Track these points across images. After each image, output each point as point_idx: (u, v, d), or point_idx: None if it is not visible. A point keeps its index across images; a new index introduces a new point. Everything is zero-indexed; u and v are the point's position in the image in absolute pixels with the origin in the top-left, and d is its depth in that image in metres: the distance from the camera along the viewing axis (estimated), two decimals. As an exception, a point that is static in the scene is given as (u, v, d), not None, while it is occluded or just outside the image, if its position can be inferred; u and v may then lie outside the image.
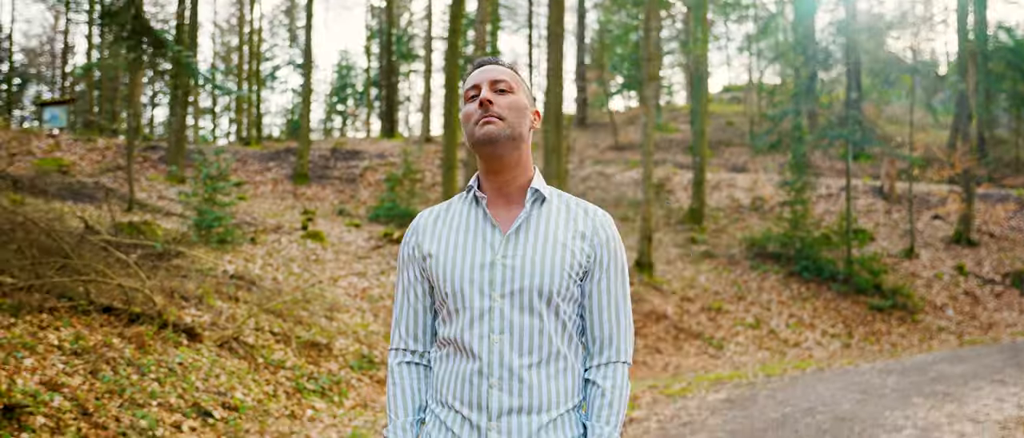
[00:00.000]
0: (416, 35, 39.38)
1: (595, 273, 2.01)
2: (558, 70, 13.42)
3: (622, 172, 21.68)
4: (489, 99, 1.91)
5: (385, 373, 7.92)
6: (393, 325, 2.08)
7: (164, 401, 5.47)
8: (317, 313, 8.93)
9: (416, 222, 2.06)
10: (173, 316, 6.81)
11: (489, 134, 1.89)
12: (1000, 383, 9.05)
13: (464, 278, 1.90)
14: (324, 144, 23.67)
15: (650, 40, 15.39)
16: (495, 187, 1.98)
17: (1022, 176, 25.59)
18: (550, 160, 13.31)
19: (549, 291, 1.90)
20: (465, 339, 1.90)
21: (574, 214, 2.03)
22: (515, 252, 1.91)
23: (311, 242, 12.72)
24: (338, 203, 17.32)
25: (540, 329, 1.90)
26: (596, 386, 2.00)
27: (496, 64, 2.04)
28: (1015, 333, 13.57)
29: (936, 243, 17.45)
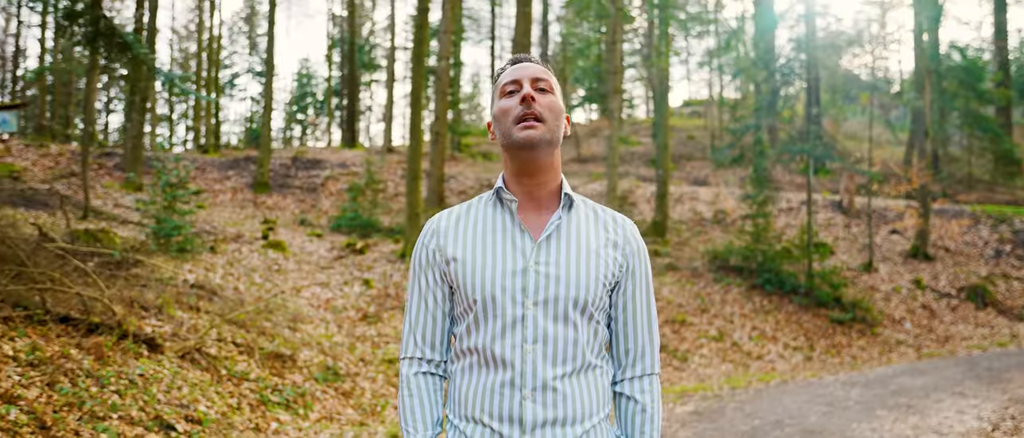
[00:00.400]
0: (378, 45, 39.21)
1: (627, 284, 1.94)
2: (524, 81, 13.40)
3: (585, 184, 21.71)
4: (532, 96, 1.83)
5: (350, 385, 7.80)
6: (407, 332, 1.96)
7: (125, 414, 5.29)
8: (280, 324, 8.76)
9: (435, 224, 1.96)
10: (133, 326, 6.61)
11: (530, 139, 1.81)
12: (960, 395, 9.17)
13: (495, 284, 1.81)
14: (284, 153, 23.39)
15: (615, 53, 15.45)
16: (526, 190, 1.90)
17: (975, 192, 26.17)
18: (516, 171, 13.27)
19: (584, 301, 1.82)
20: (496, 349, 1.80)
21: (603, 222, 1.95)
22: (547, 259, 1.83)
23: (272, 252, 12.51)
24: (299, 213, 17.09)
25: (574, 339, 1.82)
26: (634, 401, 1.94)
27: (533, 62, 1.95)
28: (971, 346, 13.80)
29: (894, 257, 17.72)
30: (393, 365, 8.67)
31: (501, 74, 1.96)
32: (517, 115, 1.83)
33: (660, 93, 18.36)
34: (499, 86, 1.93)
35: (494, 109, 1.92)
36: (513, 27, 47.85)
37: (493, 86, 2.00)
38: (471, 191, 20.07)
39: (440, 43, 19.36)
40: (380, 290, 11.31)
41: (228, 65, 39.72)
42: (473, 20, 39.05)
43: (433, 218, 1.99)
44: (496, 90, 1.94)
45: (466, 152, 27.58)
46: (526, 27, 13.60)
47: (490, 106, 2.00)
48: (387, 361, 8.74)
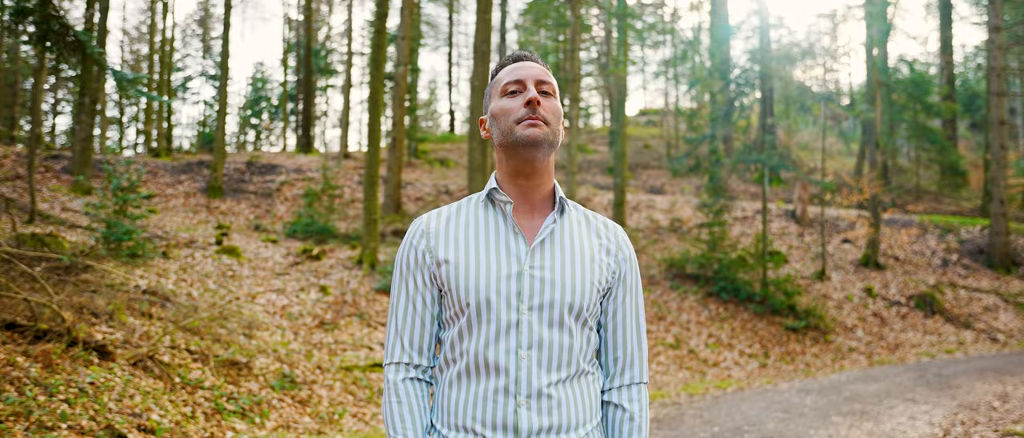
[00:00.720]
0: (335, 50, 38.91)
1: (618, 291, 1.91)
2: (484, 87, 13.35)
3: (543, 192, 21.77)
4: (538, 99, 1.78)
5: (307, 393, 7.67)
6: (393, 336, 1.89)
7: (75, 424, 5.13)
8: (235, 331, 8.60)
9: (423, 225, 1.90)
10: (83, 333, 6.42)
11: (534, 137, 1.77)
12: (912, 401, 9.33)
13: (490, 288, 1.75)
14: (239, 157, 23.05)
15: (574, 61, 15.50)
16: (520, 192, 1.85)
17: (922, 203, 26.75)
18: (474, 177, 13.21)
19: (579, 306, 1.78)
20: (489, 354, 1.75)
21: (595, 227, 1.92)
22: (542, 263, 1.79)
23: (227, 257, 12.29)
24: (254, 218, 16.84)
25: (569, 345, 1.78)
26: (623, 409, 1.89)
27: (535, 62, 1.90)
28: (920, 353, 14.06)
29: (846, 266, 18.02)
30: (351, 373, 8.56)
31: (499, 71, 1.92)
32: (520, 116, 1.78)
33: (618, 102, 18.46)
34: (499, 84, 1.88)
35: (492, 107, 1.88)
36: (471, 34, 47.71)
37: (490, 83, 1.95)
38: (428, 198, 19.97)
39: (398, 49, 19.27)
40: (337, 297, 11.17)
41: (181, 68, 39.09)
42: (431, 26, 39.00)
43: (421, 219, 1.93)
44: (494, 87, 1.90)
45: (423, 159, 27.46)
46: (486, 33, 13.58)
47: (485, 102, 1.95)
48: (344, 369, 8.63)
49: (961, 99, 36.29)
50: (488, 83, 7.41)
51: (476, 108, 13.24)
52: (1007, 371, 11.61)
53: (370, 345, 9.73)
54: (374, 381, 8.54)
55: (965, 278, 18.45)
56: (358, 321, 10.45)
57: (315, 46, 34.86)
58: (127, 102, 38.13)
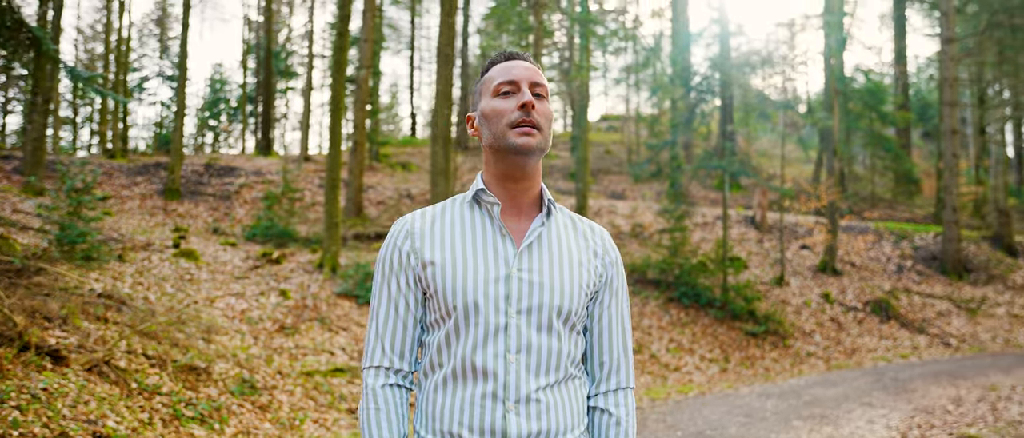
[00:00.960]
0: (295, 52, 38.55)
1: (605, 295, 1.89)
2: (447, 91, 13.32)
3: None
4: (532, 103, 1.75)
5: (267, 399, 7.55)
6: (373, 340, 1.84)
7: (27, 431, 4.98)
8: (194, 335, 8.44)
9: (408, 225, 1.85)
10: (35, 338, 6.25)
11: (528, 145, 1.74)
12: (869, 406, 9.45)
13: (478, 291, 1.72)
14: (196, 159, 22.71)
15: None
16: (509, 196, 1.82)
17: (877, 210, 27.22)
18: (437, 181, 13.15)
19: (568, 310, 1.76)
20: (477, 359, 1.71)
21: (582, 231, 1.90)
22: (530, 266, 1.76)
23: (184, 261, 12.08)
24: (212, 221, 16.59)
25: (558, 349, 1.75)
26: (609, 414, 1.87)
27: (528, 61, 1.86)
28: (876, 358, 14.28)
29: (804, 272, 18.25)
30: (312, 378, 8.45)
31: (491, 68, 1.88)
32: (514, 120, 1.75)
33: (580, 107, 18.52)
34: (491, 83, 1.83)
35: (483, 106, 1.84)
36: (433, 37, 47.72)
37: (479, 80, 1.91)
38: (390, 202, 19.84)
39: (360, 52, 19.15)
40: (298, 301, 11.04)
41: (137, 68, 38.42)
42: (394, 29, 38.82)
43: (404, 219, 1.88)
44: (485, 86, 1.85)
45: (385, 162, 27.30)
46: (450, 37, 13.53)
47: (474, 100, 1.91)
48: (305, 374, 8.51)
49: (914, 109, 37.05)
50: (465, 83, 7.16)
51: (439, 112, 13.18)
52: (960, 375, 11.84)
53: (331, 350, 9.62)
54: (335, 386, 8.44)
55: (919, 284, 18.79)
56: (319, 326, 10.33)
57: (275, 48, 34.51)
58: (81, 102, 37.40)
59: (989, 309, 17.73)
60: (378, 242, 16.03)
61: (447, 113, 13.18)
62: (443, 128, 13.13)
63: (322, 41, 38.33)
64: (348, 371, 9.02)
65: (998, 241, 21.89)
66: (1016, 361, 13.41)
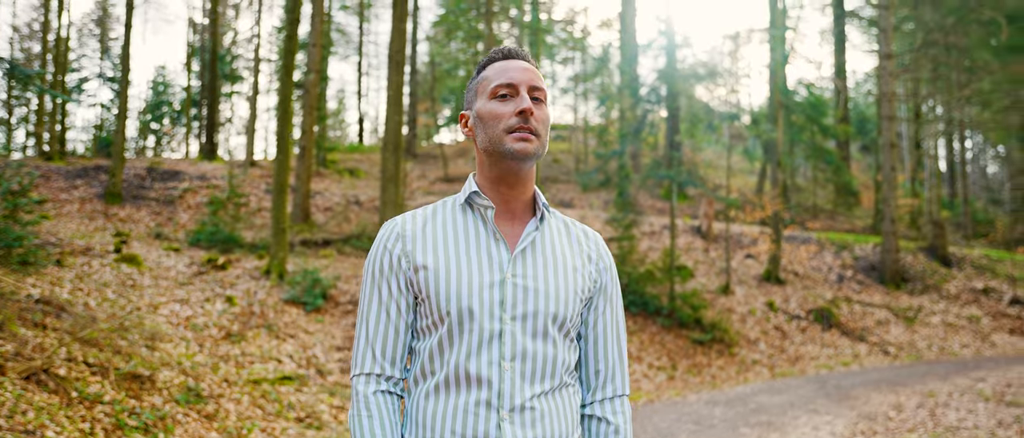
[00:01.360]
0: (241, 55, 37.99)
1: (599, 301, 1.85)
2: (398, 97, 13.25)
3: (454, 204, 21.67)
4: (531, 109, 1.72)
5: (214, 407, 7.40)
6: (363, 346, 1.78)
7: (-37, 441, 4.80)
8: (137, 342, 8.23)
9: (399, 227, 1.80)
10: (-29, 344, 6.03)
11: (525, 151, 1.71)
12: (814, 412, 9.63)
13: (472, 296, 1.68)
14: (138, 163, 22.20)
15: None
16: (503, 199, 1.78)
17: (819, 220, 27.81)
18: (387, 188, 13.06)
19: (563, 316, 1.73)
20: (470, 366, 1.67)
21: (575, 235, 1.87)
22: (524, 271, 1.72)
23: (126, 266, 11.79)
24: (155, 226, 16.22)
25: (553, 356, 1.72)
26: (607, 422, 1.83)
27: (527, 61, 1.81)
28: (819, 366, 14.56)
29: (749, 280, 18.54)
30: (259, 386, 8.30)
31: (487, 66, 1.83)
32: (512, 126, 1.72)
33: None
34: (487, 83, 1.79)
35: (479, 107, 1.79)
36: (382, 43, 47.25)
37: (475, 78, 1.86)
38: (338, 208, 19.64)
39: (309, 56, 18.95)
40: (244, 308, 10.85)
41: (76, 68, 37.43)
42: (342, 34, 38.50)
43: (394, 221, 1.83)
44: (482, 86, 1.81)
45: (332, 168, 27.03)
46: (401, 43, 13.46)
47: (469, 98, 1.86)
48: (253, 382, 8.36)
49: (853, 122, 37.95)
50: (413, 89, 7.09)
51: (390, 118, 13.10)
52: (900, 382, 12.13)
53: (279, 358, 9.47)
54: (284, 395, 8.30)
55: (859, 293, 19.22)
56: (266, 333, 10.16)
57: (221, 51, 33.95)
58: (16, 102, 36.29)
59: (925, 318, 18.21)
60: (326, 248, 15.85)
61: (398, 119, 13.10)
62: (394, 134, 13.04)
63: (269, 45, 37.85)
64: (296, 379, 8.89)
65: (933, 252, 22.53)
66: (952, 368, 13.79)
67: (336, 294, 12.40)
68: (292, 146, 14.92)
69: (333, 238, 16.52)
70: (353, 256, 15.66)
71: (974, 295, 20.18)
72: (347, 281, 13.24)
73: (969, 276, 21.45)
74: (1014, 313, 19.36)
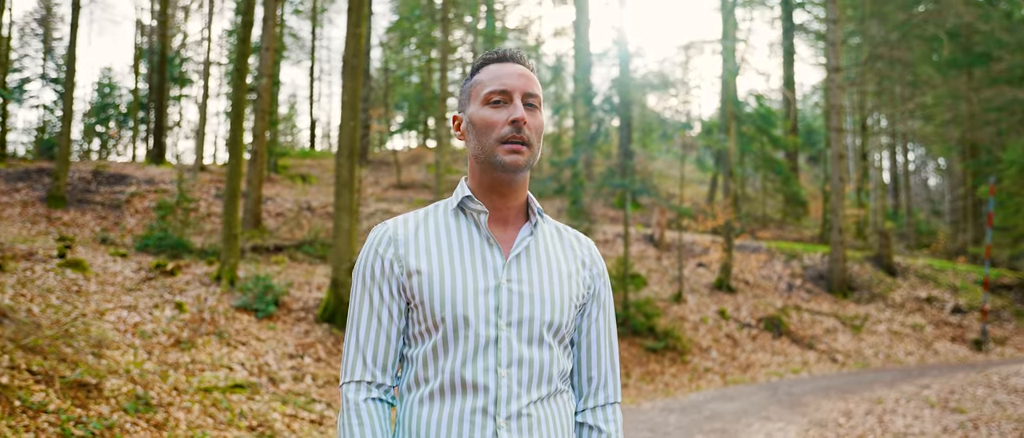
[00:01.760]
0: (190, 58, 37.37)
1: (592, 308, 1.83)
2: (354, 102, 13.12)
3: (408, 210, 21.53)
4: (525, 119, 1.67)
5: (164, 416, 7.22)
6: (353, 353, 1.74)
7: (-100, 452, 4.61)
8: (83, 350, 8.00)
9: (391, 231, 1.75)
10: (-92, 352, 5.80)
11: (516, 163, 1.68)
12: (767, 419, 9.74)
13: (467, 302, 1.64)
14: (84, 166, 21.68)
15: (443, 80, 15.49)
16: (494, 207, 1.75)
17: (769, 230, 28.24)
18: (342, 194, 12.91)
19: (559, 322, 1.70)
20: (466, 373, 1.64)
21: (568, 240, 1.84)
22: (520, 277, 1.69)
23: (71, 271, 11.47)
24: (100, 230, 15.84)
25: (549, 363, 1.69)
26: (598, 430, 1.81)
27: (522, 64, 1.76)
28: (769, 373, 14.76)
29: (701, 289, 18.74)
30: (210, 394, 8.13)
31: (482, 69, 1.78)
32: (504, 136, 1.68)
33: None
34: (481, 87, 1.75)
35: (471, 113, 1.75)
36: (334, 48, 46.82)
37: (467, 81, 1.82)
38: (289, 214, 19.39)
39: (261, 60, 18.71)
40: (194, 314, 10.63)
41: (18, 68, 36.45)
42: (296, 38, 38.10)
43: (385, 225, 1.78)
44: (475, 90, 1.76)
45: (283, 173, 26.70)
46: (357, 48, 13.35)
47: (461, 99, 1.82)
48: (203, 390, 8.19)
49: (800, 134, 38.68)
50: (366, 95, 6.99)
51: (345, 124, 12.96)
52: (848, 390, 12.34)
53: (230, 365, 9.29)
54: (235, 403, 8.14)
55: (808, 302, 19.55)
56: (217, 340, 9.97)
57: (170, 53, 33.35)
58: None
59: (872, 326, 18.58)
60: (278, 254, 15.63)
61: (353, 125, 12.98)
62: (349, 140, 12.91)
63: (219, 48, 37.30)
64: (248, 387, 8.73)
65: (879, 261, 23.01)
66: (898, 375, 14.08)
67: (289, 301, 12.23)
68: (244, 151, 14.70)
69: (285, 244, 16.31)
70: (305, 262, 15.47)
71: (918, 304, 20.66)
72: (300, 288, 13.07)
73: (913, 285, 21.96)
74: (955, 321, 19.86)
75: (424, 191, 26.63)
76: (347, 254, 12.17)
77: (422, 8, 30.85)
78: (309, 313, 12.00)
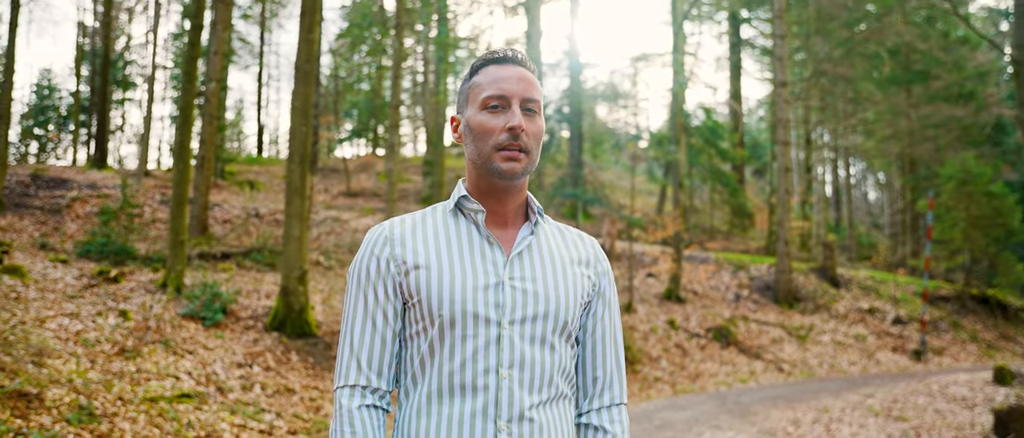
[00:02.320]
0: (134, 61, 36.60)
1: (597, 306, 1.78)
2: (305, 109, 12.96)
3: (358, 219, 21.35)
4: (523, 126, 1.62)
5: (107, 427, 7.01)
6: (347, 357, 1.66)
7: None
8: (22, 358, 7.74)
9: (387, 231, 1.69)
10: None
11: (513, 171, 1.63)
12: (717, 428, 9.84)
13: (466, 298, 1.58)
14: (21, 170, 21.04)
15: (396, 87, 15.40)
16: (492, 209, 1.70)
17: (717, 241, 28.61)
18: (293, 201, 12.73)
19: (564, 320, 1.64)
20: (466, 374, 1.58)
21: (571, 240, 1.79)
22: (523, 274, 1.64)
23: (9, 278, 11.11)
24: (40, 236, 15.38)
25: (553, 364, 1.63)
26: (604, 431, 1.76)
27: (522, 66, 1.70)
28: (718, 383, 14.92)
29: (651, 299, 18.89)
30: (156, 404, 7.92)
31: (480, 71, 1.73)
32: (501, 142, 1.63)
33: (436, 129, 18.52)
34: (479, 90, 1.69)
35: (469, 117, 1.71)
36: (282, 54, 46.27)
37: (466, 82, 1.76)
38: (237, 221, 19.07)
39: (209, 64, 18.39)
40: (139, 323, 10.36)
41: (-48, 69, 35.28)
42: (245, 43, 37.57)
43: (381, 226, 1.73)
44: (473, 93, 1.71)
45: (230, 180, 26.27)
46: (309, 54, 13.19)
47: (460, 100, 1.77)
48: (149, 400, 7.97)
49: (747, 146, 39.34)
50: (316, 101, 6.91)
51: (296, 130, 12.80)
52: (795, 399, 12.53)
53: (177, 374, 9.07)
54: (182, 413, 7.95)
55: (755, 312, 19.83)
56: (163, 349, 9.73)
57: (113, 56, 32.62)
58: None
59: (816, 336, 18.92)
60: (225, 261, 15.34)
61: (305, 131, 12.82)
62: (301, 146, 12.75)
63: (164, 51, 36.59)
64: (195, 397, 8.53)
65: (823, 273, 23.47)
66: (843, 385, 14.35)
67: (237, 309, 12.01)
68: (191, 156, 14.42)
69: (233, 251, 16.02)
70: (253, 270, 15.22)
71: (861, 315, 21.11)
72: (248, 296, 12.85)
73: (856, 296, 22.43)
74: (896, 332, 20.33)
75: (374, 199, 26.43)
76: (298, 262, 12.00)
77: (373, 15, 30.69)
78: (258, 321, 11.80)
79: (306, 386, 10.20)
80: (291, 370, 10.60)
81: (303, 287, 11.99)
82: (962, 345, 20.55)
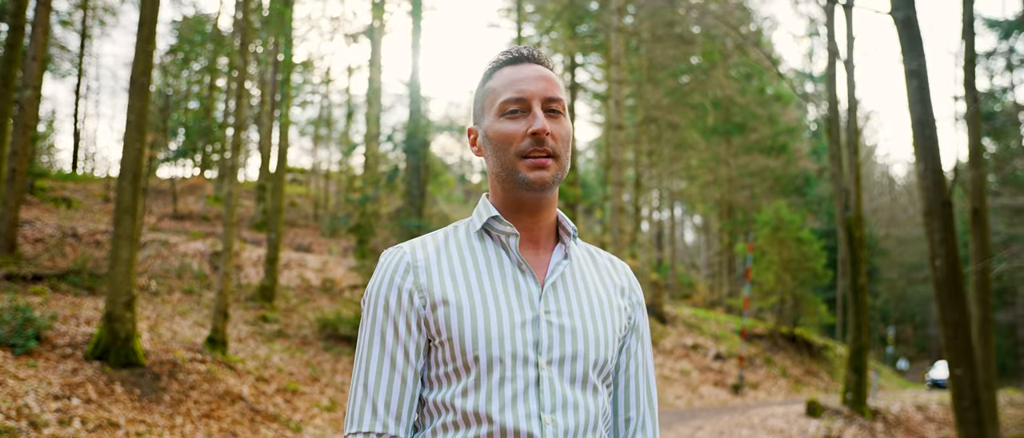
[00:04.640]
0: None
1: (631, 341, 1.63)
2: (140, 123, 12.20)
3: (186, 242, 20.26)
4: (547, 129, 1.46)
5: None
6: (360, 399, 1.48)
7: None
8: None
9: (408, 257, 1.51)
10: None
11: (542, 180, 1.47)
12: None
13: (504, 337, 1.42)
14: None
15: (240, 108, 14.84)
16: (523, 228, 1.53)
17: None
18: (123, 220, 11.92)
19: (604, 358, 1.50)
20: (507, 420, 1.40)
21: (603, 265, 1.64)
22: (558, 308, 1.48)
23: None
24: None
25: (596, 408, 1.48)
26: None
27: (540, 63, 1.54)
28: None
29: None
30: (-37, 440, 7.13)
31: (495, 74, 1.57)
32: (524, 150, 1.48)
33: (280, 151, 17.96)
34: (495, 96, 1.54)
35: (487, 126, 1.54)
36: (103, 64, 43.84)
37: (482, 86, 1.59)
38: (51, 240, 17.64)
39: (25, 71, 17.04)
40: (-61, 349, 9.33)
41: None
42: (64, 50, 35.09)
43: (398, 250, 1.54)
44: (489, 99, 1.55)
45: (41, 196, 24.31)
46: (147, 65, 12.45)
47: (476, 109, 1.61)
48: (-46, 436, 7.17)
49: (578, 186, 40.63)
50: (142, 120, 6.68)
51: (130, 145, 12.03)
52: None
53: (-15, 407, 8.21)
54: (-7, 450, 7.20)
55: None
56: (-32, 379, 8.79)
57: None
58: None
59: (646, 371, 19.68)
60: (36, 284, 14.12)
61: (139, 146, 12.06)
62: (134, 163, 11.98)
63: (-32, 53, 33.56)
64: (5, 433, 7.75)
65: (652, 310, 24.48)
66: (673, 418, 14.94)
67: (53, 336, 11.05)
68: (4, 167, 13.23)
69: (46, 273, 14.77)
70: (70, 294, 14.09)
71: (685, 350, 22.15)
72: (65, 321, 11.86)
73: (681, 333, 23.53)
74: (717, 367, 21.47)
75: (203, 223, 25.23)
76: (126, 286, 11.23)
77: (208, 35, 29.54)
78: (77, 349, 10.91)
79: (132, 420, 9.51)
80: (115, 402, 9.84)
81: (131, 313, 11.20)
82: (774, 380, 21.97)
